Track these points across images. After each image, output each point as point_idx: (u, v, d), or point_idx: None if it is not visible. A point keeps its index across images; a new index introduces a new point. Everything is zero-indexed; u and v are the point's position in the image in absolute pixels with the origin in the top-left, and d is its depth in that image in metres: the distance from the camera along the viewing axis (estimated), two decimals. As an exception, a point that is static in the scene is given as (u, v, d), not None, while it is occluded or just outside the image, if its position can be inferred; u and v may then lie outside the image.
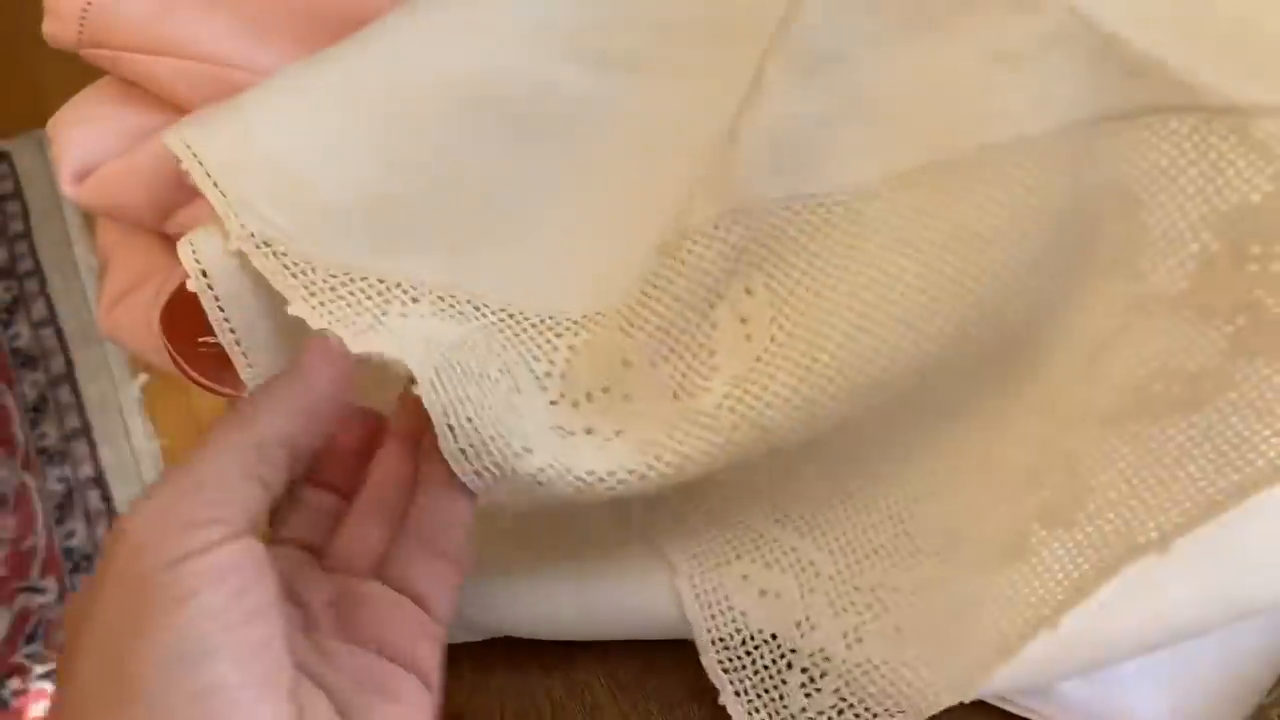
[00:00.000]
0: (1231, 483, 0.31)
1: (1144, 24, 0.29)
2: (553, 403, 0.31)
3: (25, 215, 1.16)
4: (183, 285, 0.28)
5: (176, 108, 0.33)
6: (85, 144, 0.34)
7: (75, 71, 0.36)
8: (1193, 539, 0.31)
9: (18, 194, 1.17)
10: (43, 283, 1.12)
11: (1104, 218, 0.31)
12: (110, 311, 0.36)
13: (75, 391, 1.08)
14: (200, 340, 0.35)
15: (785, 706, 0.34)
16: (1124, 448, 0.32)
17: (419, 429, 0.28)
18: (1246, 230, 0.30)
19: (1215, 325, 0.31)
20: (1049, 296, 0.31)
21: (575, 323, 0.32)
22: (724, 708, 0.34)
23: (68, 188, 0.33)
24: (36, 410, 1.07)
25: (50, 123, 0.35)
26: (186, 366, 0.35)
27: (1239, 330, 0.31)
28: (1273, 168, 0.29)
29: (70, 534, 1.02)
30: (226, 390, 0.38)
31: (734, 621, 0.33)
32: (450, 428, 0.27)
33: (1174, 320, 0.31)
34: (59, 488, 1.04)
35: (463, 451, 0.27)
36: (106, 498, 1.04)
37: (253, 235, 0.28)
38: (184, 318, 0.27)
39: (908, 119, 0.30)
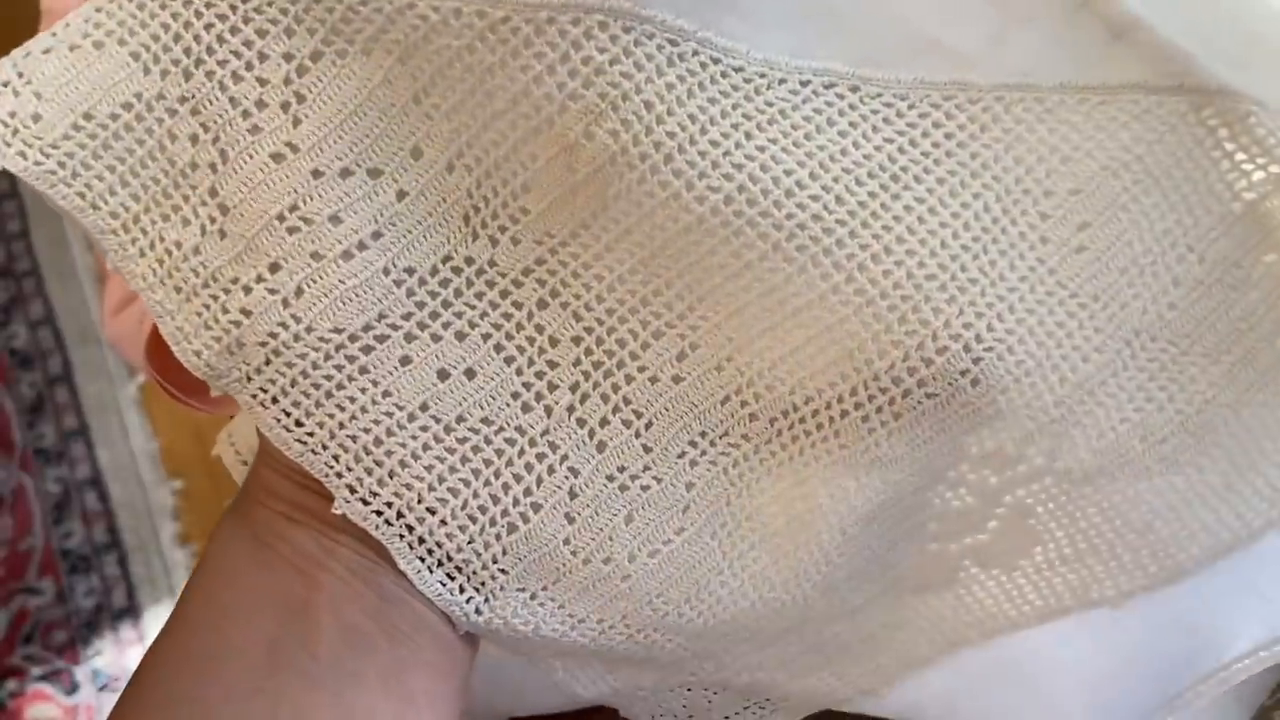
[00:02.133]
0: (1204, 548, 0.30)
1: None
2: None
3: (22, 214, 1.15)
4: None
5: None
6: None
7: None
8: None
9: (15, 193, 1.16)
10: (40, 282, 1.12)
11: (1066, 215, 0.27)
12: (112, 319, 0.36)
13: (73, 392, 1.07)
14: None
15: (685, 708, 0.32)
16: (1091, 509, 0.30)
17: None
18: (1226, 248, 0.27)
19: (1201, 366, 0.28)
20: (1008, 306, 0.27)
21: None
22: None
23: None
24: (34, 410, 1.06)
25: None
26: (173, 389, 0.35)
27: (1230, 369, 0.28)
28: (1260, 170, 0.26)
29: (68, 535, 1.02)
30: (211, 409, 0.37)
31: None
32: None
33: (1159, 359, 0.28)
34: (56, 488, 1.04)
35: None
36: (104, 498, 1.03)
37: None
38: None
39: (845, 12, 0.26)
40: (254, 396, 0.25)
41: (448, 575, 0.26)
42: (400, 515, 0.26)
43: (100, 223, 0.25)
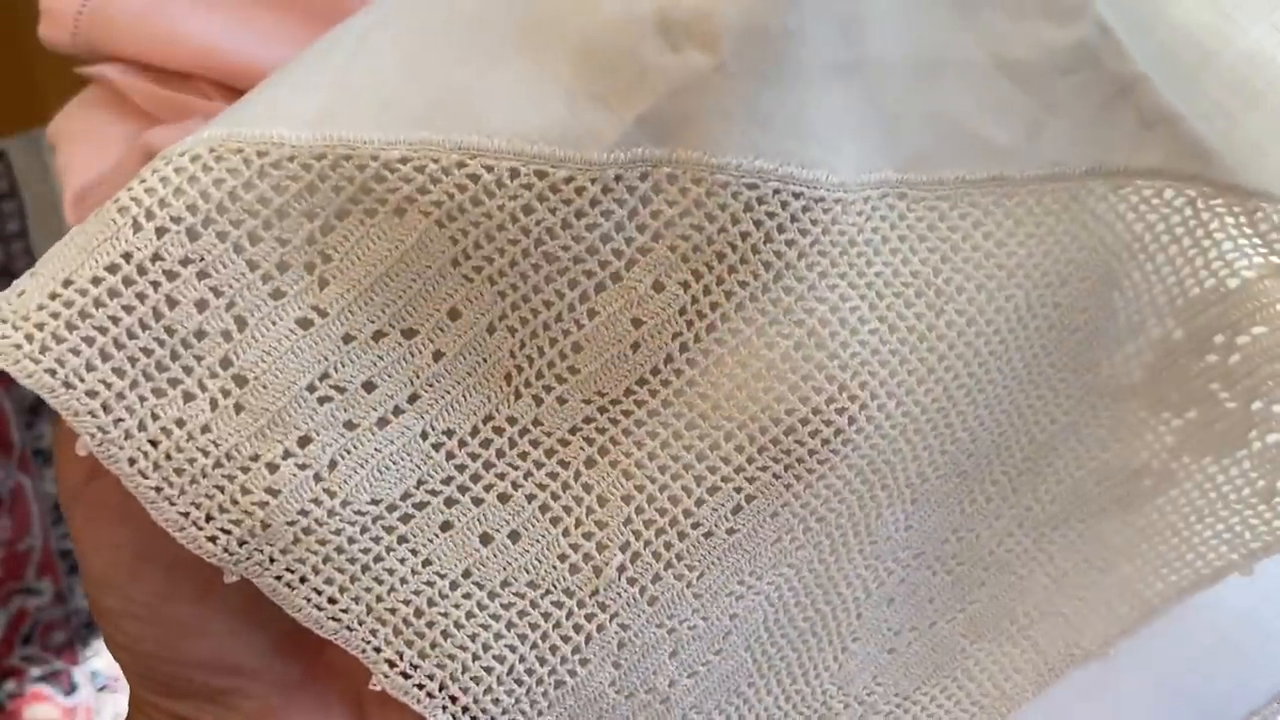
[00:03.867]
0: (1169, 584, 0.30)
1: (1173, 75, 0.26)
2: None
3: (22, 215, 1.15)
4: None
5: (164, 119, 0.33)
6: (87, 163, 0.33)
7: (73, 72, 0.36)
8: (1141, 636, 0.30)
9: (14, 193, 1.16)
10: (40, 283, 1.12)
11: (1073, 300, 0.28)
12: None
13: (72, 392, 1.08)
14: None
15: None
16: (1058, 554, 0.30)
17: None
18: (1213, 318, 0.28)
19: (1164, 419, 0.29)
20: (1009, 393, 0.28)
21: None
22: None
23: (68, 211, 0.33)
24: (33, 411, 1.06)
25: (51, 131, 0.35)
26: None
27: (1188, 424, 0.29)
28: (1261, 256, 0.27)
29: (66, 535, 1.02)
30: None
31: None
32: None
33: (1119, 415, 0.29)
34: (55, 488, 1.04)
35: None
36: (103, 499, 1.04)
37: None
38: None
39: (894, 114, 0.25)
40: (278, 578, 0.23)
41: None
42: (443, 687, 0.25)
43: (73, 403, 0.22)
